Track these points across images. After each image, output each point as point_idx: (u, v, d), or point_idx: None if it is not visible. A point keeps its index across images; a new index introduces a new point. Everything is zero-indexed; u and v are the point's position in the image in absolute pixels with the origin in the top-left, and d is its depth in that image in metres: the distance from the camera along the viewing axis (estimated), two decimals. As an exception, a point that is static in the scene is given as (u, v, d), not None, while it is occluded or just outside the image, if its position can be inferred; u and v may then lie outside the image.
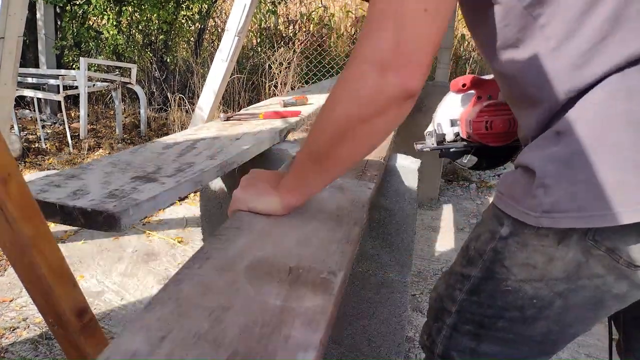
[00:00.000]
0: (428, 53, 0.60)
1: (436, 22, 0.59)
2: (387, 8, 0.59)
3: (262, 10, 5.64)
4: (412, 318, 1.99)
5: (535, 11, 0.64)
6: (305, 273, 0.59)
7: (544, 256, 0.69)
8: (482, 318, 0.79)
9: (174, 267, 2.35)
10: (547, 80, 0.66)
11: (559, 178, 0.64)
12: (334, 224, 0.75)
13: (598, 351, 1.83)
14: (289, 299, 0.53)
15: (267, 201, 0.76)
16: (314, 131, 0.70)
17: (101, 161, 1.13)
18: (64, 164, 3.73)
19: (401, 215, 1.39)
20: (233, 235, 0.68)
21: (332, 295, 0.54)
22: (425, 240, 2.76)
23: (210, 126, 1.62)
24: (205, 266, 0.58)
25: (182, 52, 6.04)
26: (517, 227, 0.71)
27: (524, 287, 0.73)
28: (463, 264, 0.82)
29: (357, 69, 0.62)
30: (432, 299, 0.92)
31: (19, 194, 0.80)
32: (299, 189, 0.75)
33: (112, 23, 4.92)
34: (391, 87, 0.60)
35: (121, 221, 0.83)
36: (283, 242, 0.67)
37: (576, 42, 0.63)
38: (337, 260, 0.63)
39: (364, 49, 0.62)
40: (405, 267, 1.44)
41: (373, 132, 0.66)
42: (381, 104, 0.62)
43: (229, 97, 5.01)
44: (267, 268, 0.59)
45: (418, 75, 0.61)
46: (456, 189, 3.63)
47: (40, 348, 1.73)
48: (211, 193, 1.63)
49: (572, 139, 0.64)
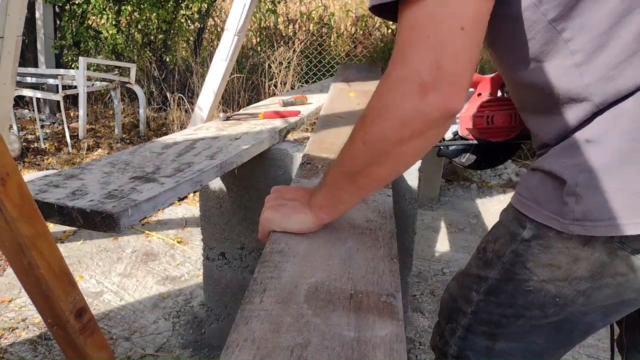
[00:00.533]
0: (468, 71, 0.59)
1: (474, 40, 0.59)
2: (423, 27, 0.58)
3: (261, 9, 5.63)
4: (412, 319, 1.98)
5: (560, 25, 0.64)
6: (366, 298, 0.59)
7: (568, 257, 0.70)
8: (500, 318, 0.80)
9: (173, 267, 2.35)
10: (574, 93, 0.66)
11: (591, 188, 0.65)
12: (371, 240, 0.76)
13: (599, 352, 1.83)
14: (361, 329, 0.53)
15: (300, 220, 0.76)
16: (349, 150, 0.69)
17: (100, 161, 1.13)
18: (63, 163, 3.72)
19: (401, 215, 1.39)
20: (279, 260, 0.68)
21: (400, 321, 0.54)
22: (426, 241, 2.75)
23: (210, 126, 1.61)
24: (266, 300, 0.58)
25: (182, 52, 6.04)
26: (541, 230, 0.72)
27: (546, 287, 0.74)
28: (480, 266, 0.82)
29: (395, 91, 0.61)
30: (444, 300, 0.92)
31: (18, 194, 0.79)
32: (332, 206, 0.74)
33: (111, 22, 4.92)
34: (432, 109, 0.59)
35: (120, 222, 0.82)
36: (329, 264, 0.68)
37: (605, 56, 0.64)
38: (390, 281, 0.63)
39: (401, 68, 0.60)
40: (405, 268, 1.43)
41: (411, 153, 0.65)
42: (421, 125, 0.61)
43: (229, 96, 5.00)
44: (326, 296, 0.59)
45: (459, 95, 0.59)
46: (457, 189, 3.63)
47: (40, 349, 1.73)
48: (210, 193, 1.63)
49: (604, 148, 0.65)
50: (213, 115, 2.91)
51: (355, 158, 0.68)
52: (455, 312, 0.87)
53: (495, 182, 3.78)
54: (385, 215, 0.86)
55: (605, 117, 0.65)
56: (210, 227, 1.66)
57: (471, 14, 0.57)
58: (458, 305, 0.86)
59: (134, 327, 1.89)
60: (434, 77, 0.58)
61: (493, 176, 3.87)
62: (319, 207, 0.75)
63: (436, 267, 2.43)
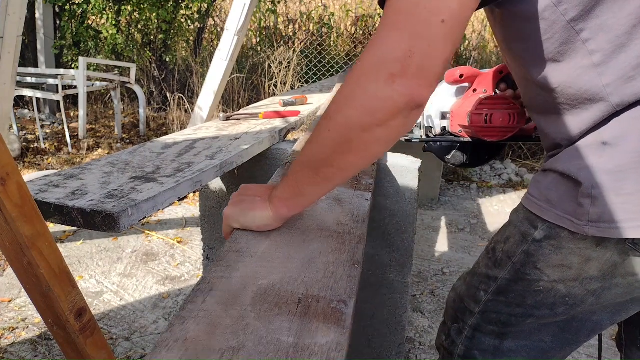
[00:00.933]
0: (440, 64, 0.59)
1: (452, 35, 0.59)
2: (404, 15, 0.58)
3: (261, 9, 5.63)
4: (412, 319, 1.98)
5: (578, 25, 0.64)
6: (315, 303, 0.57)
7: (580, 258, 0.71)
8: (509, 317, 0.80)
9: (173, 267, 2.35)
10: (591, 93, 0.66)
11: (607, 190, 0.65)
12: (336, 244, 0.74)
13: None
14: (302, 335, 0.50)
15: (258, 216, 0.73)
16: (312, 138, 0.67)
17: (100, 161, 1.13)
18: (63, 163, 3.72)
19: (401, 215, 1.39)
20: (234, 260, 0.66)
21: (345, 329, 0.52)
22: (426, 241, 2.75)
23: (210, 126, 1.61)
24: (209, 300, 0.56)
25: (182, 52, 6.04)
26: (553, 231, 0.72)
27: (557, 287, 0.74)
28: (489, 266, 0.82)
29: (363, 75, 0.60)
30: (450, 300, 0.92)
31: (18, 194, 0.80)
32: (293, 199, 0.71)
33: (111, 22, 4.92)
34: (399, 97, 0.58)
35: (120, 222, 0.82)
36: (287, 266, 0.65)
37: (624, 57, 0.64)
38: (346, 287, 0.61)
39: (374, 54, 0.60)
40: (405, 268, 1.43)
41: (374, 142, 0.63)
42: (385, 113, 0.60)
43: (229, 96, 5.00)
44: (274, 299, 0.57)
45: (427, 86, 0.59)
46: (457, 189, 3.63)
47: (40, 348, 1.73)
48: (210, 193, 1.63)
49: (621, 151, 0.65)
50: (213, 115, 2.91)
51: (318, 146, 0.66)
52: (462, 312, 0.87)
53: (495, 182, 3.78)
54: (358, 219, 0.84)
55: (623, 120, 0.65)
56: (210, 227, 1.66)
57: (454, 8, 0.57)
58: (465, 305, 0.86)
59: (134, 327, 1.89)
60: (404, 64, 0.57)
61: (493, 176, 3.87)
62: (279, 199, 0.72)
63: (436, 267, 2.43)
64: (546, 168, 0.75)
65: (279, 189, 0.72)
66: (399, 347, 1.52)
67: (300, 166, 0.69)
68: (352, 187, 1.01)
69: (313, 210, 0.85)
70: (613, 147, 0.65)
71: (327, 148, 0.65)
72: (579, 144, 0.69)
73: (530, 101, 0.80)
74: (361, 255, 0.71)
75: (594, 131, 0.68)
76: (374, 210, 1.40)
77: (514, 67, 0.79)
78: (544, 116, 0.76)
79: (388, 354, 1.53)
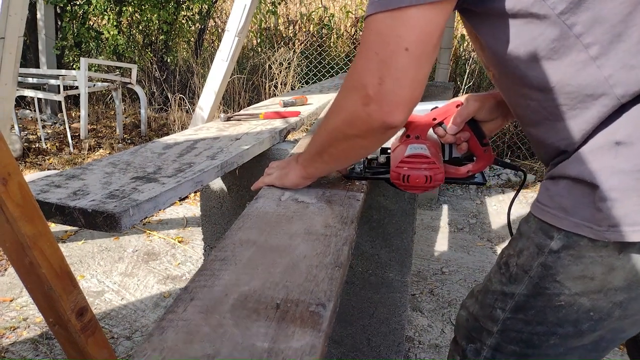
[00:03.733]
0: (410, 90, 0.63)
1: (419, 61, 0.61)
2: (374, 43, 0.63)
3: (262, 10, 5.64)
4: (411, 318, 1.99)
5: (570, 20, 0.62)
6: (294, 307, 0.57)
7: (603, 267, 0.67)
8: (531, 336, 0.75)
9: (174, 266, 2.36)
10: (592, 88, 0.64)
11: (627, 191, 0.62)
12: (322, 246, 0.73)
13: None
14: (277, 340, 0.51)
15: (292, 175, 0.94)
16: (318, 130, 0.83)
17: (101, 161, 1.13)
18: (65, 164, 3.73)
19: (401, 214, 1.39)
20: (218, 268, 0.65)
21: (321, 332, 0.52)
22: (425, 240, 2.76)
23: (211, 126, 1.62)
24: (189, 309, 0.56)
25: (183, 53, 6.05)
26: (571, 240, 0.68)
27: (579, 301, 0.69)
28: (503, 282, 0.77)
29: (346, 94, 0.71)
30: (461, 319, 0.87)
31: (20, 194, 0.80)
32: (310, 167, 0.91)
33: (113, 23, 4.93)
34: (372, 119, 0.67)
35: (121, 221, 0.83)
36: (270, 271, 0.65)
37: (623, 45, 0.62)
38: (326, 289, 0.61)
39: (353, 77, 0.68)
40: (404, 267, 1.44)
41: (357, 146, 0.76)
42: (362, 129, 0.70)
43: (229, 97, 5.01)
44: (253, 305, 0.57)
45: (399, 111, 0.65)
46: (456, 189, 3.63)
47: (41, 348, 1.74)
48: (211, 193, 1.63)
49: (637, 148, 0.62)
50: (214, 116, 2.91)
51: (320, 139, 0.82)
52: (478, 332, 0.82)
53: (494, 182, 3.78)
54: (346, 221, 0.84)
55: (634, 117, 0.63)
56: (211, 227, 1.67)
57: (416, 36, 0.60)
58: (481, 324, 0.81)
59: (135, 326, 1.89)
60: (376, 91, 0.64)
61: (492, 176, 3.87)
62: (302, 165, 0.92)
63: (435, 267, 2.44)
64: (555, 175, 0.71)
65: (302, 157, 0.92)
66: (399, 345, 1.53)
67: (312, 147, 0.86)
68: (344, 188, 1.00)
69: (302, 214, 0.85)
70: (628, 146, 0.62)
71: (324, 143, 0.82)
72: (589, 145, 0.66)
73: (524, 112, 0.76)
74: (346, 256, 0.71)
75: (602, 131, 0.65)
76: (374, 210, 1.40)
77: (503, 79, 0.75)
78: (542, 126, 0.73)
79: (387, 352, 1.54)
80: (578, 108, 0.66)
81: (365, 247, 1.45)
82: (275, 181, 0.97)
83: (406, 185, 0.94)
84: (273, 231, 0.78)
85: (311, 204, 0.91)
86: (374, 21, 0.62)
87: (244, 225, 0.81)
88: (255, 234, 0.77)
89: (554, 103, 0.68)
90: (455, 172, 1.01)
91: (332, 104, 0.77)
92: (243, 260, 0.68)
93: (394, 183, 0.96)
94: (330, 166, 0.90)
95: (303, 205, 0.90)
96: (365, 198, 1.00)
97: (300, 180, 0.94)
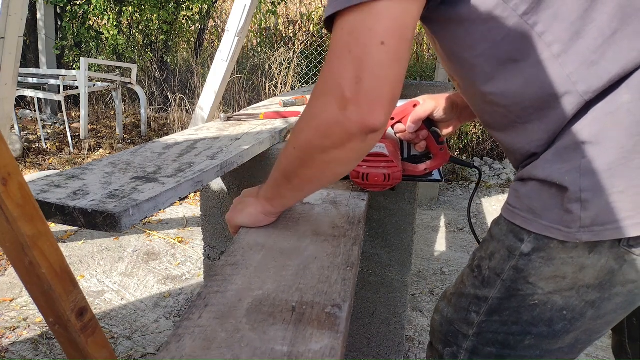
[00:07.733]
0: (390, 87, 0.59)
1: (397, 54, 0.58)
2: (347, 41, 0.58)
3: (262, 10, 5.64)
4: (411, 318, 1.99)
5: (531, 19, 0.62)
6: (310, 309, 0.57)
7: (574, 267, 0.67)
8: (507, 336, 0.75)
9: (174, 266, 2.36)
10: (556, 86, 0.64)
11: (597, 191, 0.62)
12: (331, 247, 0.73)
13: (597, 351, 1.83)
14: (296, 343, 0.50)
15: (250, 213, 0.81)
16: (284, 150, 0.71)
17: (101, 161, 1.13)
18: (65, 164, 3.73)
19: (401, 214, 1.39)
20: (230, 273, 0.66)
21: (339, 333, 0.52)
22: (425, 240, 2.76)
23: (211, 126, 1.62)
24: (204, 315, 0.56)
25: (183, 53, 6.05)
26: (541, 242, 0.67)
27: (552, 299, 0.70)
28: (476, 285, 0.77)
29: (319, 101, 0.63)
30: (436, 323, 0.87)
31: (20, 193, 0.80)
32: (276, 199, 0.79)
33: (113, 23, 4.93)
34: (351, 123, 0.60)
35: (121, 221, 0.83)
36: (282, 275, 0.65)
37: (583, 41, 0.62)
38: (340, 290, 0.61)
39: (326, 80, 0.61)
40: (404, 267, 1.44)
41: (333, 162, 0.67)
42: (341, 137, 0.62)
43: (229, 97, 5.01)
44: (269, 309, 0.57)
45: (379, 111, 0.59)
46: (456, 189, 3.63)
47: (41, 348, 1.74)
48: (211, 193, 1.63)
49: (606, 148, 0.61)
50: (214, 116, 2.92)
51: (288, 160, 0.71)
52: (454, 336, 0.81)
53: (494, 182, 3.78)
54: (354, 221, 0.84)
55: (599, 116, 0.62)
56: (211, 227, 1.67)
57: (390, 28, 0.57)
58: (456, 327, 0.80)
59: (135, 326, 1.89)
60: (353, 91, 0.58)
61: (492, 176, 3.87)
62: (264, 199, 0.80)
63: (435, 266, 2.44)
64: (524, 177, 0.70)
65: (263, 189, 0.80)
66: (399, 345, 1.53)
67: (278, 172, 0.75)
68: (348, 188, 1.01)
69: (309, 216, 0.85)
70: (596, 145, 0.62)
71: (294, 163, 0.70)
72: (556, 147, 0.66)
73: (491, 118, 0.75)
74: (356, 256, 0.71)
75: (569, 131, 0.64)
76: (374, 210, 1.40)
77: (468, 87, 0.74)
78: (510, 130, 0.72)
79: (387, 352, 1.54)
80: (545, 109, 0.66)
81: (365, 247, 1.45)
82: (228, 218, 0.84)
83: (365, 183, 0.96)
84: (281, 234, 0.78)
85: (316, 205, 0.91)
86: (343, 20, 0.59)
87: (251, 228, 0.81)
88: (264, 237, 0.77)
89: (520, 106, 0.68)
90: (413, 169, 1.04)
91: (300, 118, 0.67)
92: (254, 264, 0.68)
93: (354, 181, 0.98)
94: (301, 193, 0.78)
95: (309, 207, 0.91)
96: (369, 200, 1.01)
97: (260, 217, 0.81)
